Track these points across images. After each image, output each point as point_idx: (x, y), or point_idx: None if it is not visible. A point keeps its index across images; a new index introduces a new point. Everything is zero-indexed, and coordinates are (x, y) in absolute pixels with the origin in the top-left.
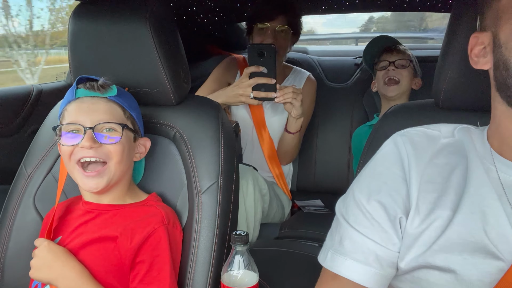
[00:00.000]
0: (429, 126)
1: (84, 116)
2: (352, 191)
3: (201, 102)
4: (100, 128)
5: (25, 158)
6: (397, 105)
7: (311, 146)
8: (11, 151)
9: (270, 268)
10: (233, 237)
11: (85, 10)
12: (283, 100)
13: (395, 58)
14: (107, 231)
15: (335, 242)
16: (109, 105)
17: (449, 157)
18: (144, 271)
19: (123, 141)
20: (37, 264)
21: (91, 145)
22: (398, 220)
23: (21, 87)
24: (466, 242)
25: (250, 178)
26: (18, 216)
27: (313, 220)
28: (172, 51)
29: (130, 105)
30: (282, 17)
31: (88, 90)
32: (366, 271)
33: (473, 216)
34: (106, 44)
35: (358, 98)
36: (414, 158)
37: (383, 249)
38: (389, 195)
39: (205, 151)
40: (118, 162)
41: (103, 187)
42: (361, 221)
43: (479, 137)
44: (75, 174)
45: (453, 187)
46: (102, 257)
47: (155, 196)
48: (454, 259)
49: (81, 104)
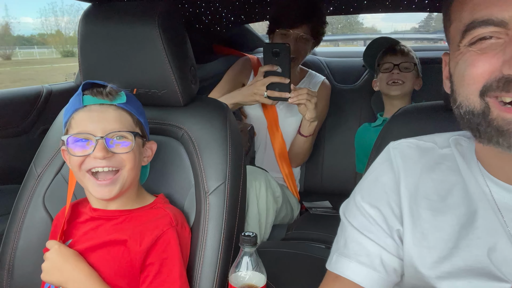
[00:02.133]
0: (422, 137)
1: (94, 125)
2: (354, 197)
3: (209, 104)
4: (111, 137)
5: (35, 158)
6: (406, 107)
7: (319, 148)
8: (21, 151)
9: (277, 269)
10: (242, 238)
11: (95, 12)
12: (297, 101)
13: (400, 61)
14: (116, 236)
15: (340, 245)
16: (118, 113)
17: (447, 173)
18: (154, 273)
19: (134, 148)
20: (48, 267)
21: (104, 156)
22: (395, 231)
23: (31, 88)
24: (472, 268)
25: (263, 180)
26: (28, 215)
27: (319, 221)
28: (180, 52)
29: (138, 110)
30: (306, 26)
31: (96, 97)
32: (370, 274)
33: (478, 242)
34: (115, 45)
35: (366, 100)
36: (403, 171)
37: (387, 254)
38: (388, 205)
39: (212, 152)
40: (131, 169)
41: (115, 194)
42: (366, 226)
43: (471, 153)
44: (86, 182)
45: (452, 208)
46: (112, 260)
47: (162, 197)
48: (459, 285)
49: (90, 113)
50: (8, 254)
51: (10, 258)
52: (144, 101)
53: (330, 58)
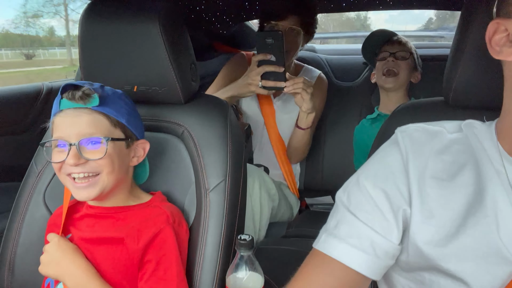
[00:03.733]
0: (430, 123)
1: (68, 131)
2: (357, 176)
3: (210, 101)
4: (85, 143)
5: (35, 156)
6: (406, 103)
7: (319, 145)
8: (21, 149)
9: (277, 266)
10: (238, 242)
11: (95, 10)
12: (293, 90)
13: (396, 50)
14: (113, 233)
15: (330, 226)
16: (92, 117)
17: (457, 155)
18: (151, 270)
19: (111, 153)
20: (46, 259)
21: (75, 163)
22: (401, 211)
23: (31, 86)
24: (480, 247)
25: (256, 178)
26: (29, 213)
27: (320, 218)
28: (181, 49)
29: (118, 111)
30: (294, 17)
31: (71, 101)
32: (359, 256)
33: (486, 220)
34: (116, 42)
35: (366, 97)
36: (411, 152)
37: (380, 237)
38: (395, 185)
39: (213, 149)
40: (110, 173)
41: (95, 196)
42: (363, 207)
43: (486, 134)
44: (67, 184)
45: (462, 187)
46: (111, 257)
47: (159, 195)
48: (467, 265)
49: (64, 118)
50: (9, 251)
51: (11, 255)
52: (144, 99)
53: (331, 55)
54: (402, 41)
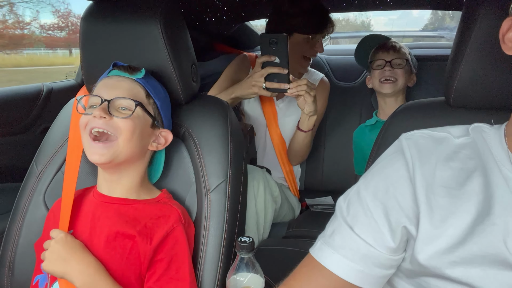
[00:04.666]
0: (435, 129)
1: (107, 91)
2: (358, 187)
3: (210, 101)
4: (117, 105)
5: (36, 156)
6: (406, 104)
7: (319, 145)
8: (22, 149)
9: (278, 267)
10: (239, 244)
11: (96, 10)
12: (296, 92)
13: (392, 57)
14: (124, 229)
15: (327, 233)
16: (132, 85)
17: (465, 161)
18: (162, 269)
19: (135, 119)
20: (52, 256)
21: (101, 115)
22: (400, 228)
23: (31, 86)
24: (486, 254)
25: (261, 180)
26: (29, 213)
27: (320, 219)
28: (181, 50)
29: (155, 92)
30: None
31: (120, 70)
32: (351, 267)
33: (494, 228)
34: (116, 43)
35: (366, 97)
36: (418, 161)
37: (372, 250)
38: (395, 200)
39: (213, 150)
40: (127, 140)
41: (106, 161)
42: (359, 218)
43: (495, 138)
44: (84, 142)
45: (470, 194)
46: (119, 255)
47: (166, 192)
48: (473, 272)
49: (108, 81)
50: (9, 252)
51: (11, 255)
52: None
53: (331, 56)
54: (397, 46)
